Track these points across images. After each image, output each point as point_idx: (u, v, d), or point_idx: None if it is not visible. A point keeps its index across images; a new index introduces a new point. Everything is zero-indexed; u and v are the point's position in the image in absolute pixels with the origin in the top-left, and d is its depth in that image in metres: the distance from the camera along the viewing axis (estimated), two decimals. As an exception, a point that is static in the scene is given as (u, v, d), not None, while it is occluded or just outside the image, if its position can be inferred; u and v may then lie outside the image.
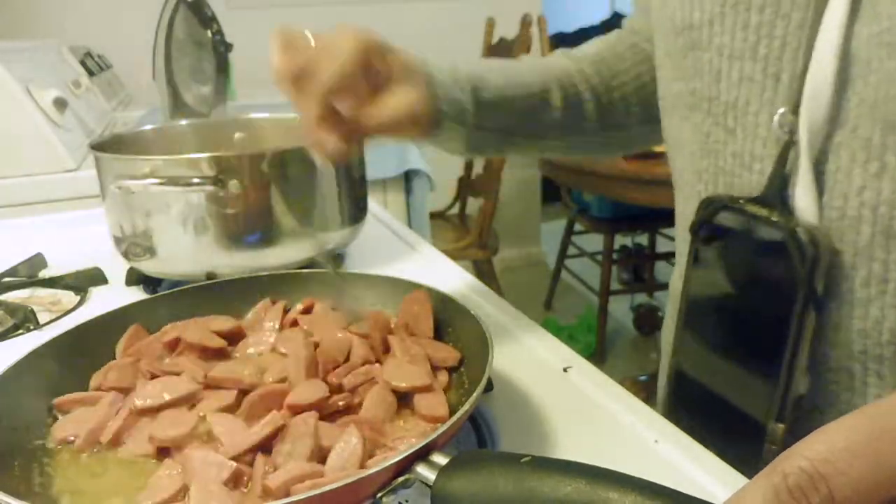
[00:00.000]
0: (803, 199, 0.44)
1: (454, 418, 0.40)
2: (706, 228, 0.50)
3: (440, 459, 0.37)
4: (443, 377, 0.51)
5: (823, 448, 0.23)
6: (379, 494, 0.36)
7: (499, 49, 2.51)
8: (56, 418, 0.49)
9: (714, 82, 0.49)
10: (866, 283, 0.43)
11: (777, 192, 0.45)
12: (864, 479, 0.22)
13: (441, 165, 1.76)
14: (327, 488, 0.35)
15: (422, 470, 0.37)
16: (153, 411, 0.47)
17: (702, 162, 0.52)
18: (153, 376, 0.51)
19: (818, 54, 0.42)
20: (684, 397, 0.55)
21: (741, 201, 0.47)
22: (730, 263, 0.50)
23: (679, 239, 0.59)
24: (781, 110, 0.44)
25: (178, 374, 0.50)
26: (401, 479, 0.37)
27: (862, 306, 0.44)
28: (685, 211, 0.56)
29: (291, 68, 0.47)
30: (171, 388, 0.48)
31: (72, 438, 0.46)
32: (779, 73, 0.45)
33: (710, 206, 0.49)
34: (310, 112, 0.48)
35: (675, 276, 0.62)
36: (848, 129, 0.42)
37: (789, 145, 0.44)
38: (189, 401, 0.48)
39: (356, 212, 0.81)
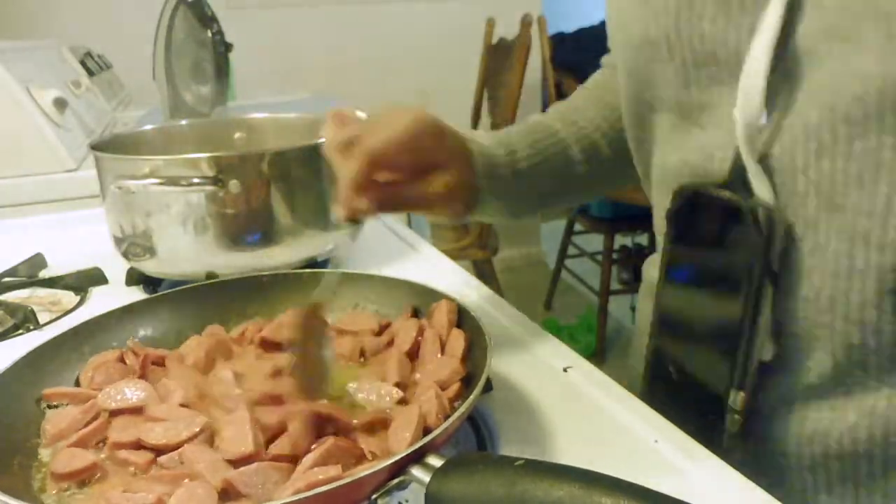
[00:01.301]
0: (756, 181, 0.47)
1: (451, 419, 0.40)
2: (680, 212, 0.53)
3: (435, 461, 0.37)
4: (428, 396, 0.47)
5: None
6: (374, 496, 0.37)
7: (499, 49, 2.51)
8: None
9: (682, 87, 0.51)
10: (812, 252, 0.46)
11: (739, 178, 0.48)
12: None
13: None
14: (322, 489, 0.35)
15: (417, 472, 0.37)
16: (121, 413, 0.47)
17: (670, 157, 0.55)
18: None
19: (753, 52, 0.45)
20: (659, 375, 0.57)
21: (710, 187, 0.50)
22: (702, 243, 0.53)
23: (656, 231, 0.62)
24: (735, 109, 0.47)
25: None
26: (396, 480, 0.37)
27: (807, 275, 0.47)
28: (659, 204, 0.59)
29: (339, 138, 0.50)
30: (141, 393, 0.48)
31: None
32: (739, 74, 0.47)
33: (682, 193, 0.52)
34: (349, 172, 0.49)
35: (648, 262, 0.66)
36: (792, 114, 0.45)
37: None
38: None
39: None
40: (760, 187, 0.47)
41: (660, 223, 0.58)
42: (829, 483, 0.51)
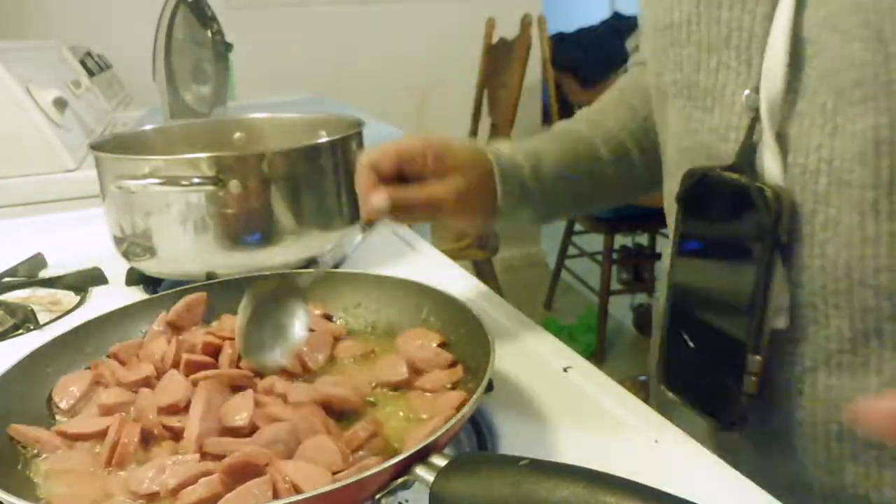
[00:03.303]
0: (769, 160, 0.51)
1: (454, 419, 0.40)
2: (690, 195, 0.57)
3: (439, 461, 0.37)
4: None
5: None
6: (378, 496, 0.37)
7: (499, 49, 2.51)
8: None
9: (694, 72, 0.57)
10: (824, 226, 0.50)
11: (746, 159, 0.53)
12: None
13: (441, 165, 1.76)
14: (326, 489, 0.35)
15: (420, 472, 0.37)
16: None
17: (684, 140, 0.59)
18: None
19: (772, 40, 0.50)
20: (676, 345, 0.59)
21: (717, 170, 0.54)
22: (712, 221, 0.57)
23: (667, 213, 0.63)
24: (746, 91, 0.52)
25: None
26: (399, 480, 0.37)
27: (820, 246, 0.50)
28: (672, 186, 0.61)
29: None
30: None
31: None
32: (750, 59, 0.53)
33: (692, 177, 0.56)
34: (358, 177, 0.58)
35: (665, 254, 0.66)
36: (807, 98, 0.49)
37: (755, 119, 0.52)
38: None
39: (356, 212, 0.81)
40: (771, 164, 0.51)
41: (669, 204, 0.61)
42: (854, 452, 0.52)
